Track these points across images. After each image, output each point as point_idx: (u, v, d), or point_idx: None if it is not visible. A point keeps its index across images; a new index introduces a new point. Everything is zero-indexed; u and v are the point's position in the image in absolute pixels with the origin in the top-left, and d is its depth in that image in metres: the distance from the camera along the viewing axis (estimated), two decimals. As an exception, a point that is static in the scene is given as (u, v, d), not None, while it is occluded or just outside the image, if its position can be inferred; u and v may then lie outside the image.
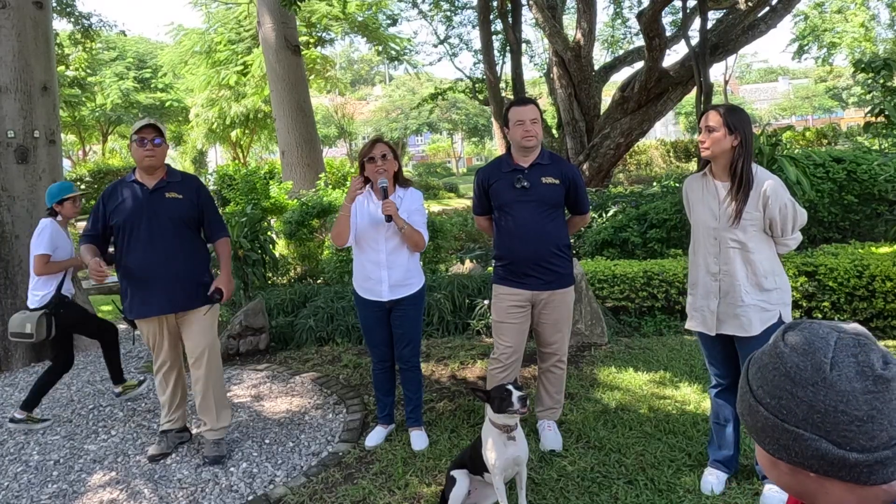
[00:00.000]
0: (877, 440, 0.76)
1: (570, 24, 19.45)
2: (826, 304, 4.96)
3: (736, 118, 2.57)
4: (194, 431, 3.67)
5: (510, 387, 2.59)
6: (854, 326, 0.82)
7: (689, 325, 2.81)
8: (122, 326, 5.10)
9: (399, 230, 3.18)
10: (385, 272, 3.25)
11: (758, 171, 2.62)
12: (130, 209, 3.27)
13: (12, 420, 3.98)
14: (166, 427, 3.52)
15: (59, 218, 4.19)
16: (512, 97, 12.95)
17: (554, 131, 14.18)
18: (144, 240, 3.26)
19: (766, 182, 2.58)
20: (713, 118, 2.59)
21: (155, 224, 3.27)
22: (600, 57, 24.56)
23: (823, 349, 0.79)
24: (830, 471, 0.78)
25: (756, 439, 0.84)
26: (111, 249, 3.42)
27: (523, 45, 15.16)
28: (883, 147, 9.86)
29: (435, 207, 12.79)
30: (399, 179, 3.35)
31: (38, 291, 4.03)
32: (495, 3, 12.70)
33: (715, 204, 2.65)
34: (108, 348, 4.39)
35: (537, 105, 3.19)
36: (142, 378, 4.57)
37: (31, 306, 4.01)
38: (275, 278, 7.43)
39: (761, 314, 2.59)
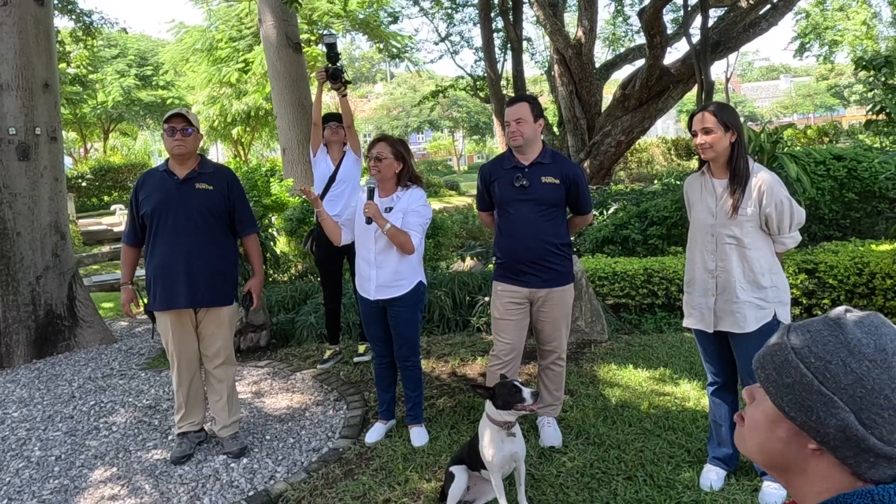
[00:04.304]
0: None
1: (571, 22, 19.42)
2: (826, 301, 4.96)
3: (728, 115, 2.59)
4: (206, 426, 3.58)
5: (517, 383, 2.58)
6: None
7: (686, 322, 2.84)
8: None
9: (383, 232, 3.15)
10: (374, 271, 3.26)
11: (754, 167, 2.64)
12: (160, 199, 3.21)
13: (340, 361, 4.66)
14: (186, 429, 3.40)
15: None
16: (513, 95, 12.94)
17: (555, 129, 14.18)
18: (171, 231, 3.20)
19: (762, 178, 2.58)
20: (709, 119, 2.58)
21: (183, 215, 3.20)
22: (601, 54, 24.58)
23: (891, 335, 0.81)
24: (839, 446, 0.78)
25: (773, 395, 0.84)
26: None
27: (524, 43, 15.16)
28: (884, 145, 9.86)
29: (436, 205, 12.81)
30: (402, 179, 3.30)
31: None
32: (496, 1, 12.69)
33: (712, 201, 2.67)
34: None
35: (531, 102, 3.15)
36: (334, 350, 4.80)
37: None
38: (276, 275, 7.44)
39: (756, 312, 2.60)
